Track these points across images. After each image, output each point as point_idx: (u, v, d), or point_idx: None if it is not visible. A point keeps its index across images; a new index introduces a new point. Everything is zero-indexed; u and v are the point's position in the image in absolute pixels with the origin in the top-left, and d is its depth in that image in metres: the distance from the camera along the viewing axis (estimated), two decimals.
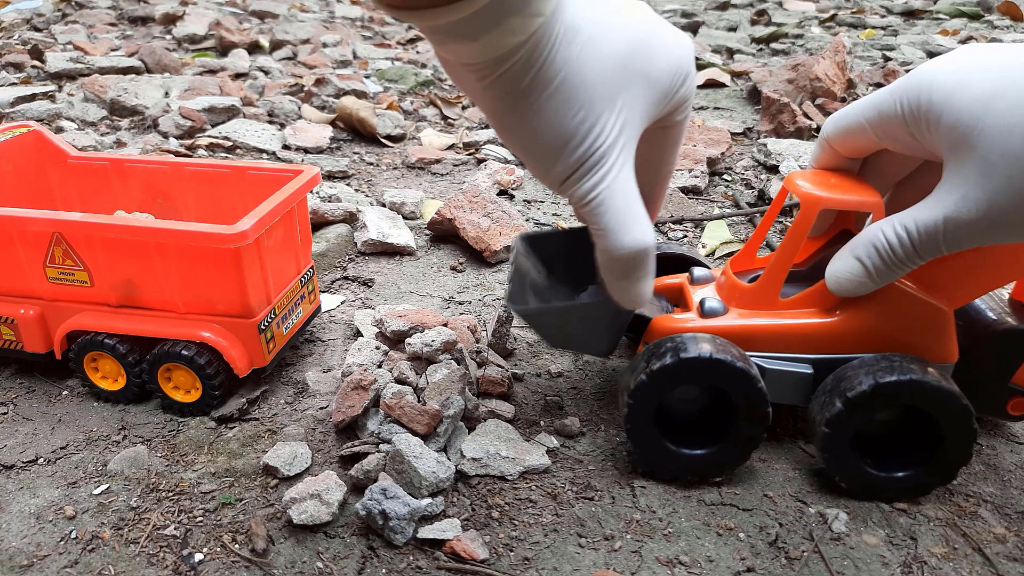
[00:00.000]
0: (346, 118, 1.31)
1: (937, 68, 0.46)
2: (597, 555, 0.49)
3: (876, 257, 0.49)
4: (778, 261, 0.54)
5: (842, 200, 0.52)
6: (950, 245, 0.47)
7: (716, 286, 0.59)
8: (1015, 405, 0.57)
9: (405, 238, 0.91)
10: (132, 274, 0.60)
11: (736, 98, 1.61)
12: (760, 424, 0.52)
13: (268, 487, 0.54)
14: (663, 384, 0.51)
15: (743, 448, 0.53)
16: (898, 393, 0.49)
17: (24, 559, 0.48)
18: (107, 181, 0.73)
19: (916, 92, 0.47)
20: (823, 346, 0.54)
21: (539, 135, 0.45)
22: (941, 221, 0.46)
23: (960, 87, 0.45)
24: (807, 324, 0.54)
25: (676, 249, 0.67)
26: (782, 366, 0.54)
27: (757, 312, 0.55)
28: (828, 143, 0.55)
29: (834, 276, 0.52)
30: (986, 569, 0.48)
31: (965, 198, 0.45)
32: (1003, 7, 2.50)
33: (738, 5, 2.74)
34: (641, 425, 0.53)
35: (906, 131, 0.48)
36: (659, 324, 0.56)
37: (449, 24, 0.39)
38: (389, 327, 0.66)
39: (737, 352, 0.52)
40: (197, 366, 0.59)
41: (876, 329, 0.53)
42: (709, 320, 0.55)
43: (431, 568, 0.48)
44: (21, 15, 2.10)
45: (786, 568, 0.48)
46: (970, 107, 0.44)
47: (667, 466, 0.54)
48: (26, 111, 1.30)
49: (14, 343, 0.65)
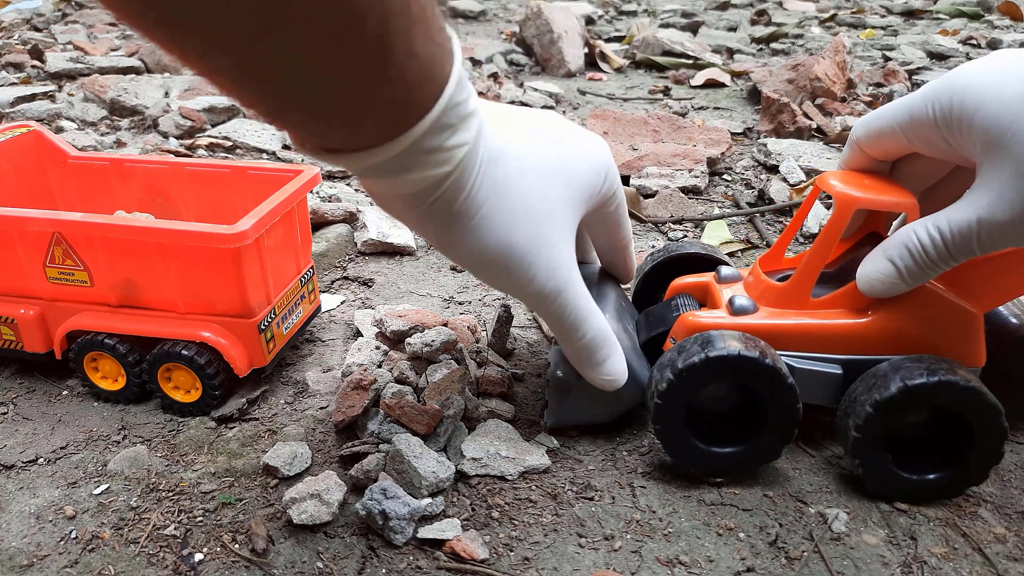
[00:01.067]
0: None
1: (970, 72, 0.47)
2: (597, 555, 0.49)
3: (909, 258, 0.50)
4: (811, 261, 0.54)
5: (877, 200, 0.52)
6: (984, 246, 0.47)
7: (744, 285, 0.59)
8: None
9: (405, 238, 0.91)
10: (132, 274, 0.60)
11: (736, 98, 1.61)
12: (790, 421, 0.52)
13: (268, 487, 0.54)
14: (693, 382, 0.51)
15: (774, 445, 0.53)
16: (928, 395, 0.49)
17: (24, 559, 0.48)
18: (107, 181, 0.73)
19: (949, 96, 0.47)
20: (853, 347, 0.54)
21: (484, 253, 0.46)
22: (975, 222, 0.46)
23: (994, 91, 0.45)
24: (838, 324, 0.54)
25: (697, 249, 0.66)
26: (812, 366, 0.54)
27: (787, 311, 0.55)
28: (858, 145, 0.55)
29: (866, 277, 0.52)
30: (986, 569, 0.48)
31: (1000, 199, 0.45)
32: (1003, 7, 2.50)
33: (738, 5, 2.74)
34: (671, 425, 0.52)
35: (938, 135, 0.49)
36: (686, 322, 0.56)
37: (375, 164, 0.39)
38: (389, 327, 0.66)
39: (766, 348, 0.51)
40: (197, 366, 0.59)
41: (906, 331, 0.53)
42: (739, 318, 0.55)
43: (431, 568, 0.48)
44: (21, 15, 2.11)
45: (786, 568, 0.48)
46: (1004, 110, 0.44)
47: (698, 464, 0.54)
48: (26, 111, 1.30)
49: (14, 343, 0.65)
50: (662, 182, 1.08)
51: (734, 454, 0.53)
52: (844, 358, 0.54)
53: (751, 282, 0.58)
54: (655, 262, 0.67)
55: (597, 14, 2.48)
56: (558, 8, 1.88)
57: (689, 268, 0.65)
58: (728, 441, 0.53)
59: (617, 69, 1.87)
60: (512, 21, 2.46)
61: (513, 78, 1.79)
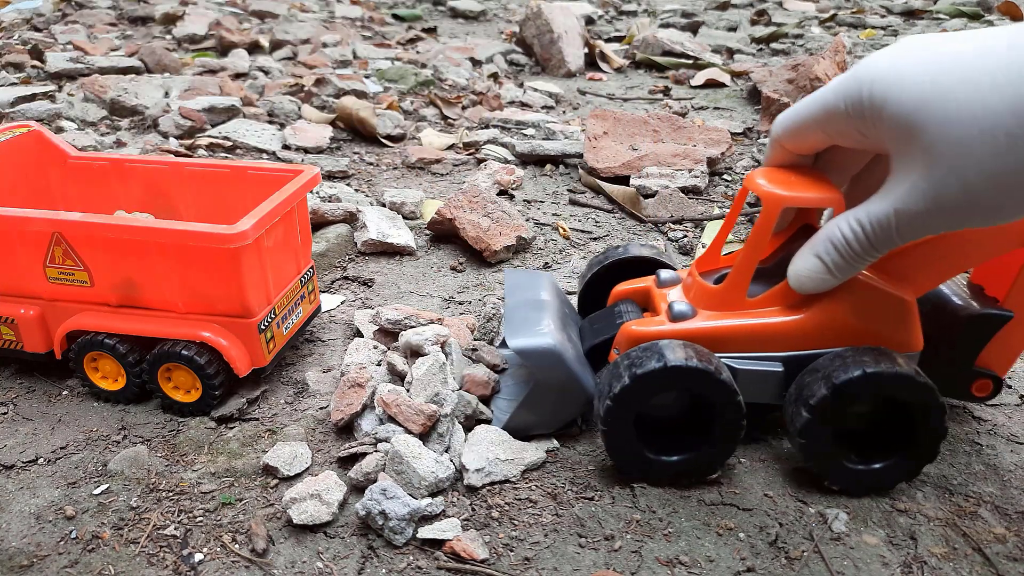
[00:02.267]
0: (346, 118, 1.31)
1: (878, 62, 0.46)
2: (597, 555, 0.49)
3: (835, 253, 0.50)
4: (743, 261, 0.54)
5: (803, 198, 0.52)
6: (904, 236, 0.47)
7: (683, 288, 0.59)
8: (979, 387, 0.59)
9: (405, 238, 0.91)
10: (132, 274, 0.60)
11: (736, 98, 1.61)
12: (736, 426, 0.52)
13: (268, 487, 0.54)
14: (637, 395, 0.51)
15: (721, 451, 0.53)
16: (861, 388, 0.50)
17: (24, 559, 0.48)
18: (107, 181, 0.73)
19: (858, 88, 0.47)
20: (791, 343, 0.54)
21: None
22: (892, 214, 0.46)
23: (900, 80, 0.45)
24: (774, 323, 0.54)
25: (640, 251, 0.66)
26: (753, 366, 0.54)
27: (725, 314, 0.55)
28: (779, 142, 0.55)
29: (796, 274, 0.52)
30: (986, 569, 0.48)
31: (913, 189, 0.45)
32: (1003, 7, 2.50)
33: (738, 5, 2.74)
34: (619, 436, 0.53)
35: (852, 127, 0.48)
36: (628, 331, 0.56)
37: None
38: (384, 316, 0.66)
39: (706, 355, 0.52)
40: (197, 366, 0.59)
41: (842, 323, 0.53)
42: (678, 324, 0.55)
43: (431, 568, 0.48)
44: (21, 15, 2.11)
45: (786, 568, 0.48)
46: (911, 99, 0.44)
47: (646, 471, 0.54)
48: (26, 111, 1.30)
49: (14, 343, 0.65)
50: (662, 182, 1.08)
51: (678, 462, 0.54)
52: (784, 355, 0.54)
53: (689, 284, 0.58)
54: (598, 266, 0.67)
55: (597, 14, 2.49)
56: (558, 8, 1.88)
57: (633, 271, 0.65)
58: (673, 450, 0.54)
59: (617, 69, 1.87)
60: (512, 21, 2.46)
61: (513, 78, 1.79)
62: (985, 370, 0.58)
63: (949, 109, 0.42)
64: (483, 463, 0.54)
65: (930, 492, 0.54)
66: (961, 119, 0.42)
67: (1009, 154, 0.41)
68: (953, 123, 0.42)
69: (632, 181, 1.09)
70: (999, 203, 0.43)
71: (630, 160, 1.13)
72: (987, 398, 0.59)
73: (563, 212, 1.04)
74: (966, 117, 0.42)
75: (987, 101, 0.41)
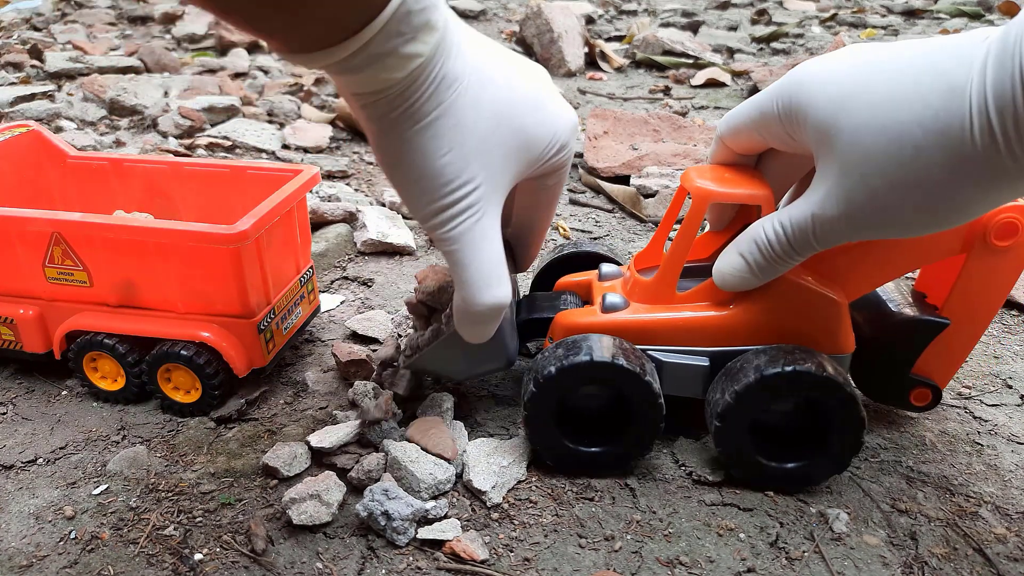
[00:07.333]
0: (346, 117, 1.31)
1: (809, 67, 0.47)
2: (597, 555, 0.49)
3: (757, 253, 0.50)
4: (672, 256, 0.54)
5: (731, 194, 0.52)
6: (821, 242, 0.47)
7: (621, 282, 0.60)
8: (918, 396, 0.58)
9: (405, 238, 0.91)
10: (131, 274, 0.60)
11: (736, 98, 1.61)
12: (654, 421, 0.53)
13: (268, 487, 0.54)
14: (562, 385, 0.52)
15: (639, 444, 0.54)
16: (784, 385, 0.50)
17: (23, 559, 0.48)
18: (106, 181, 0.73)
19: (789, 93, 0.47)
20: (718, 339, 0.54)
21: (406, 167, 0.46)
22: (810, 219, 0.47)
23: (823, 85, 0.45)
24: (702, 318, 0.54)
25: (592, 248, 0.68)
26: (679, 359, 0.55)
27: (655, 307, 0.56)
28: (722, 141, 0.55)
29: (719, 271, 0.53)
30: (987, 569, 0.48)
31: (829, 195, 0.45)
32: (1003, 7, 2.49)
33: (738, 4, 2.74)
34: (540, 421, 0.53)
35: (784, 131, 0.49)
36: (561, 321, 0.57)
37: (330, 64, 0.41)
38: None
39: (635, 355, 0.52)
40: (196, 366, 0.59)
41: (769, 321, 0.53)
42: (609, 315, 0.56)
43: (431, 568, 0.48)
44: (21, 15, 2.10)
45: (786, 568, 0.48)
46: (829, 106, 0.44)
47: (562, 458, 0.55)
48: (25, 111, 1.30)
49: (13, 343, 0.64)
50: (662, 182, 1.08)
51: (595, 454, 0.54)
52: (710, 350, 0.55)
53: (626, 279, 0.59)
54: (552, 257, 0.68)
55: (597, 13, 2.48)
56: (558, 7, 1.88)
57: (586, 266, 0.66)
58: (592, 442, 0.54)
59: (617, 69, 1.86)
60: (512, 20, 2.46)
61: None
62: (924, 379, 0.57)
63: (863, 116, 0.43)
64: (494, 478, 0.54)
65: (931, 492, 0.54)
66: (871, 127, 0.42)
67: (915, 166, 0.41)
68: (864, 131, 0.43)
69: (632, 181, 1.09)
70: (906, 215, 0.44)
71: (630, 160, 1.13)
72: (926, 408, 0.58)
73: (563, 212, 1.04)
74: (876, 126, 0.42)
75: (898, 111, 0.41)
